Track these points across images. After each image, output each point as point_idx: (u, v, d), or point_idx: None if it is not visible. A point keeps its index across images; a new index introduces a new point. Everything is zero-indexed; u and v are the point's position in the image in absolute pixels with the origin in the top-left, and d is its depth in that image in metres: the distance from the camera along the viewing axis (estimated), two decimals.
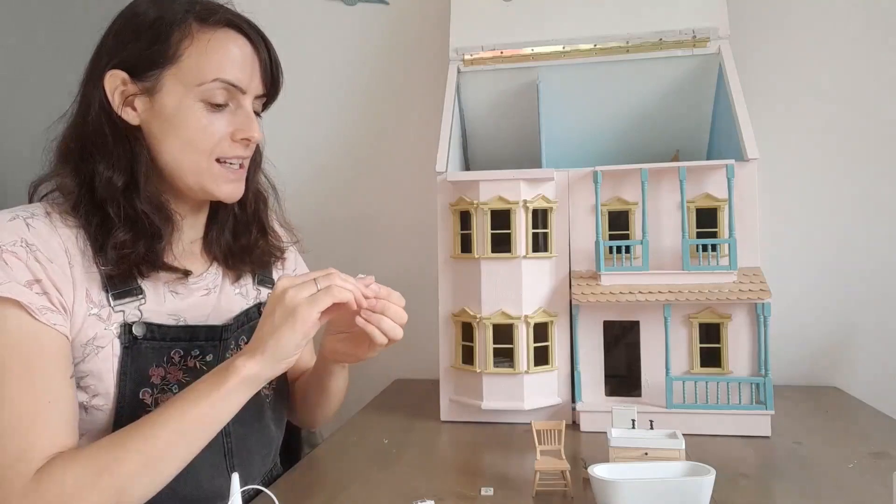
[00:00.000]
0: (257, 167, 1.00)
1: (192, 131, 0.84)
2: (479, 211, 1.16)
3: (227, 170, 0.88)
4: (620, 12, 1.32)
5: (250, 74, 0.87)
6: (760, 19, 1.46)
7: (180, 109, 0.84)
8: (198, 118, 0.84)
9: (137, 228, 0.83)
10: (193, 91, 0.83)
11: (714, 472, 0.72)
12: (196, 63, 0.83)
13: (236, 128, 0.87)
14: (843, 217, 1.44)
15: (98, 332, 0.81)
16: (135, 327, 0.84)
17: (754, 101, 1.37)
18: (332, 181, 1.67)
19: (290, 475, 0.97)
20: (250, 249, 1.00)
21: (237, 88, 0.86)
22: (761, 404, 1.08)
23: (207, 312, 0.93)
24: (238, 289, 0.99)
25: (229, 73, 0.85)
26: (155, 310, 0.87)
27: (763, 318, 1.08)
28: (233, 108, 0.87)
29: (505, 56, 1.36)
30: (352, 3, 1.64)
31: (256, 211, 1.00)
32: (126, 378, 0.82)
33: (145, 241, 0.84)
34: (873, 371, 1.42)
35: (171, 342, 0.87)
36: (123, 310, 0.84)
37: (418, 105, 1.61)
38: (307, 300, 0.77)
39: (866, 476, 0.89)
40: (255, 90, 0.89)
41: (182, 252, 0.93)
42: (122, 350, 0.82)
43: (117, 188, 0.83)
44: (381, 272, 0.99)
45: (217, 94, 0.84)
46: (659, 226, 1.15)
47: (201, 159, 0.86)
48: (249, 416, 0.91)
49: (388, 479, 0.93)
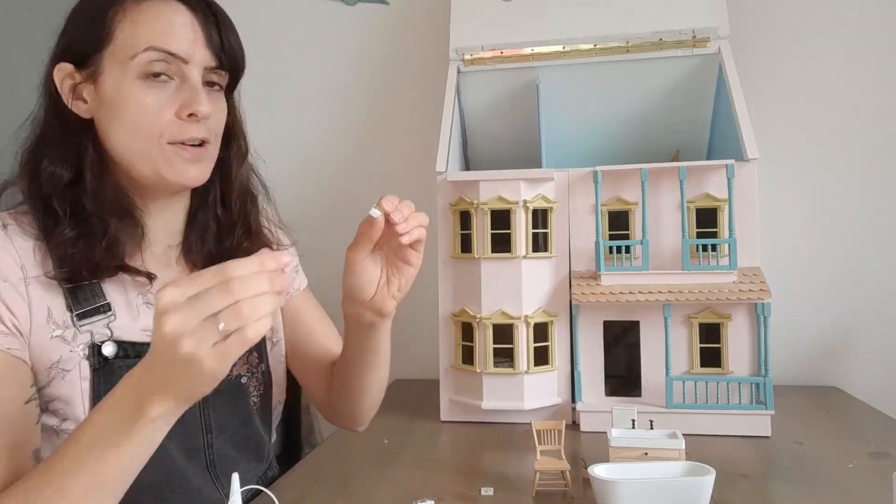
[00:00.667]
0: (242, 159, 0.92)
1: (134, 112, 0.77)
2: (479, 211, 1.16)
3: (182, 150, 0.80)
4: (620, 12, 1.32)
5: (192, 42, 0.79)
6: (760, 19, 1.46)
7: (120, 90, 0.77)
8: (137, 97, 0.77)
9: (85, 226, 0.77)
10: (129, 67, 0.76)
11: (714, 472, 0.72)
12: (129, 36, 0.77)
13: (182, 103, 0.78)
14: (844, 217, 1.44)
15: (63, 355, 0.76)
16: (104, 347, 0.78)
17: (754, 101, 1.37)
18: (332, 181, 1.67)
19: (290, 475, 0.97)
20: (234, 254, 0.88)
21: (176, 57, 0.78)
22: (761, 404, 1.08)
23: None
24: None
25: (162, 41, 0.77)
26: (127, 326, 0.81)
27: (763, 318, 1.08)
28: (178, 84, 0.79)
29: (505, 56, 1.36)
30: (352, 3, 1.64)
31: (243, 210, 0.92)
32: (99, 400, 0.75)
33: (91, 238, 0.77)
34: (873, 371, 1.42)
35: None
36: (90, 330, 0.78)
37: (418, 105, 1.61)
38: (213, 355, 0.57)
39: (866, 476, 0.89)
40: (201, 60, 0.80)
41: (155, 258, 0.86)
42: (92, 372, 0.77)
43: (62, 183, 0.77)
44: None
45: (154, 65, 0.77)
46: (659, 226, 1.15)
47: (150, 143, 0.78)
48: (235, 424, 0.90)
49: (388, 479, 0.93)
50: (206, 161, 0.83)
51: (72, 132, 0.79)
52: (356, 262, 0.80)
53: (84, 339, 0.77)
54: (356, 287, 0.82)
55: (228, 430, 0.89)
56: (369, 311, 0.84)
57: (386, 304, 0.83)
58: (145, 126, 0.77)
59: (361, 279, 0.82)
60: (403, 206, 0.77)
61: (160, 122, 0.78)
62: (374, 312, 0.84)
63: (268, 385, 0.97)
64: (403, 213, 0.76)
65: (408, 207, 0.77)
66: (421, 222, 0.78)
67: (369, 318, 0.86)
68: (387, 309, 0.84)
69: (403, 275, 0.82)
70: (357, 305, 0.84)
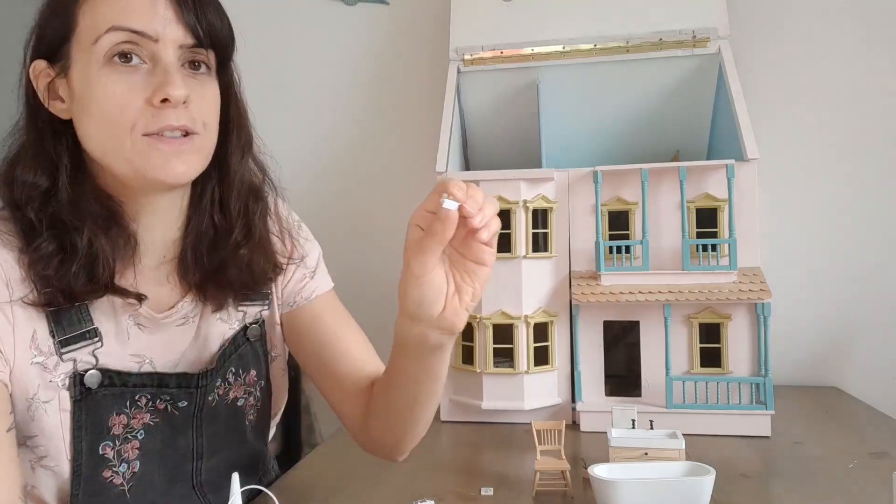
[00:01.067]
0: (242, 152, 0.80)
1: (102, 102, 0.68)
2: None
3: (160, 141, 0.69)
4: (620, 12, 1.32)
5: (162, 17, 0.69)
6: (760, 19, 1.46)
7: (87, 80, 0.69)
8: (104, 85, 0.68)
9: (64, 241, 0.69)
10: (93, 53, 0.68)
11: (714, 472, 0.72)
12: (91, 19, 0.69)
13: (154, 88, 0.69)
14: (843, 217, 1.43)
15: (41, 384, 0.70)
16: (87, 377, 0.71)
17: (754, 101, 1.37)
18: (332, 181, 1.67)
19: (290, 475, 0.97)
20: (227, 265, 0.79)
21: (144, 36, 0.68)
22: (761, 404, 1.08)
23: (183, 349, 0.80)
24: (220, 312, 0.83)
25: (126, 18, 0.68)
26: (114, 352, 0.74)
27: (763, 318, 1.08)
28: (150, 67, 0.70)
29: (505, 56, 1.36)
30: (352, 3, 1.64)
31: (244, 212, 0.81)
32: (82, 433, 0.72)
33: (70, 256, 0.69)
34: (873, 371, 1.42)
35: (133, 388, 0.75)
36: (74, 357, 0.71)
37: (418, 105, 1.61)
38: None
39: (866, 476, 0.89)
40: (174, 38, 0.70)
41: (148, 273, 0.78)
42: (73, 404, 0.71)
43: (37, 192, 0.70)
44: (380, 272, 0.98)
45: (120, 47, 0.68)
46: (659, 226, 1.15)
47: (122, 136, 0.68)
48: (228, 447, 0.84)
49: (388, 479, 0.93)
50: (191, 154, 0.72)
51: (49, 135, 0.72)
52: (425, 270, 0.66)
53: (66, 369, 0.71)
54: (424, 301, 0.67)
55: (221, 454, 0.83)
56: (436, 329, 0.69)
57: (458, 319, 0.69)
58: (115, 116, 0.68)
59: (429, 291, 0.67)
60: (476, 192, 0.64)
61: (130, 110, 0.68)
62: (442, 331, 0.70)
63: (266, 399, 0.90)
64: (478, 200, 0.64)
65: (479, 193, 0.64)
66: (494, 210, 0.66)
67: (436, 339, 0.71)
68: (459, 324, 0.69)
69: (476, 278, 0.68)
70: (422, 324, 0.69)
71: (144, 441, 0.76)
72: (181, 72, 0.70)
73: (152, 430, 0.76)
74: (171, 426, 0.78)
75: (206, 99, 0.73)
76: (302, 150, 1.67)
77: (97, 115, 0.69)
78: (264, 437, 0.93)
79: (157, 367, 0.78)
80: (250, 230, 0.81)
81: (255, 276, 0.82)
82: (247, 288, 0.82)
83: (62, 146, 0.72)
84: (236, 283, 0.80)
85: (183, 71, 0.71)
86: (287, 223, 0.89)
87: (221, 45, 0.74)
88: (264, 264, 0.82)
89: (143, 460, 0.76)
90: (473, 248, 0.66)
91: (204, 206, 0.80)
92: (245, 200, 0.81)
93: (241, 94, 0.81)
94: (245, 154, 0.81)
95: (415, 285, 0.67)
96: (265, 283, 0.85)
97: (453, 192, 0.63)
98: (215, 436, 0.82)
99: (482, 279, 0.69)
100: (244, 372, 0.85)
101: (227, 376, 0.83)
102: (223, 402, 0.82)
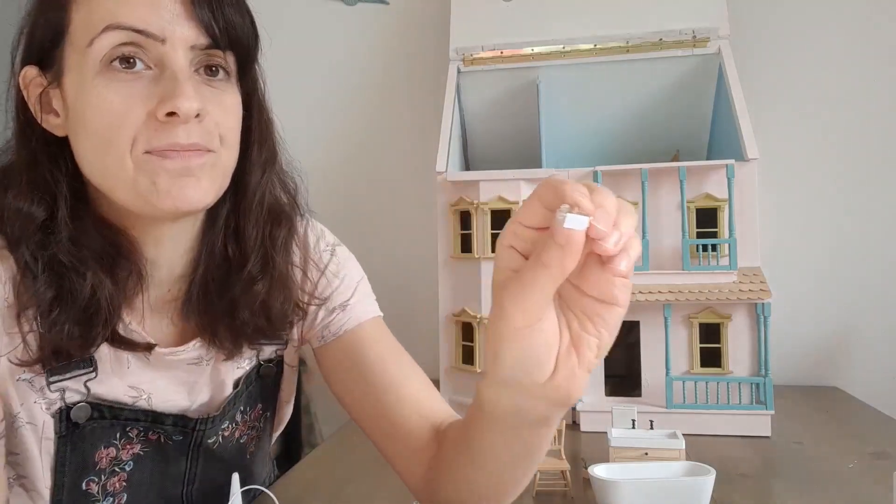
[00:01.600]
0: (262, 170, 0.68)
1: (98, 115, 0.57)
2: (479, 211, 1.16)
3: (167, 159, 0.58)
4: (620, 12, 1.32)
5: (170, 13, 0.58)
6: (760, 19, 1.46)
7: (81, 89, 0.58)
8: (100, 95, 0.57)
9: (62, 287, 0.59)
10: (88, 57, 0.57)
11: (714, 472, 0.72)
12: (85, 16, 0.58)
13: (159, 98, 0.57)
14: (844, 217, 1.43)
15: (25, 403, 0.63)
16: (74, 411, 0.63)
17: (754, 101, 1.37)
18: (332, 181, 1.66)
19: (290, 475, 0.97)
20: (238, 306, 0.68)
21: (147, 35, 0.57)
22: (761, 404, 1.08)
23: (188, 390, 0.71)
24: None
25: (125, 15, 0.57)
26: (108, 382, 0.65)
27: (763, 318, 1.08)
28: (156, 73, 0.58)
29: (505, 56, 1.36)
30: (352, 3, 1.64)
31: (264, 240, 0.68)
32: (65, 469, 0.65)
33: (68, 305, 0.59)
34: (873, 371, 1.42)
35: (125, 421, 0.67)
36: (63, 387, 0.63)
37: (418, 105, 1.61)
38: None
39: (866, 476, 0.89)
40: (184, 38, 0.58)
41: (155, 309, 0.68)
42: (58, 439, 0.64)
43: (32, 224, 0.60)
44: (380, 272, 0.98)
45: (119, 50, 0.57)
46: (659, 226, 1.15)
47: (122, 156, 0.57)
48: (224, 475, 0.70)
49: (389, 479, 0.93)
50: (207, 174, 0.60)
51: (44, 156, 0.61)
52: (529, 318, 0.45)
53: (53, 397, 0.63)
54: (525, 362, 0.47)
55: (216, 481, 0.75)
56: (542, 399, 0.49)
57: (574, 386, 0.48)
58: (112, 132, 0.57)
59: (534, 347, 0.46)
60: (605, 197, 0.43)
61: (130, 124, 0.57)
62: (551, 402, 0.49)
63: (268, 427, 0.82)
64: (609, 211, 0.42)
65: (609, 198, 0.43)
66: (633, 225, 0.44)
67: (540, 412, 0.51)
68: (575, 393, 0.48)
69: (604, 324, 0.47)
70: (521, 393, 0.49)
71: (132, 472, 0.69)
72: (193, 79, 0.59)
73: (142, 460, 0.69)
74: (163, 456, 0.71)
75: (224, 110, 0.61)
76: (300, 150, 1.66)
77: (92, 131, 0.58)
78: (265, 463, 0.86)
79: (153, 403, 0.69)
80: (268, 262, 0.69)
81: (273, 319, 0.70)
82: (262, 335, 0.71)
83: (59, 170, 0.61)
84: (249, 328, 0.69)
85: (196, 77, 0.60)
86: (315, 252, 0.77)
87: (242, 45, 0.63)
88: (283, 304, 0.70)
89: (129, 492, 0.69)
90: (601, 282, 0.44)
91: (217, 234, 0.68)
92: (265, 226, 0.69)
93: (267, 101, 0.71)
94: (267, 171, 0.69)
95: (513, 339, 0.46)
96: (284, 328, 0.73)
97: (577, 200, 0.41)
98: (211, 467, 0.75)
99: (612, 325, 0.47)
100: (251, 409, 0.78)
101: (234, 417, 0.75)
102: (228, 442, 0.76)
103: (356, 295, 0.78)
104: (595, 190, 0.43)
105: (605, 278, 0.44)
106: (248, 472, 0.81)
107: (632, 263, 0.44)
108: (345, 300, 0.77)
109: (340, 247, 0.81)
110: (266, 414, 0.81)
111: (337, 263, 0.78)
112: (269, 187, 0.70)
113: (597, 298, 0.45)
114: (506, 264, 0.47)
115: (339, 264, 0.78)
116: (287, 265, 0.71)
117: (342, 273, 0.78)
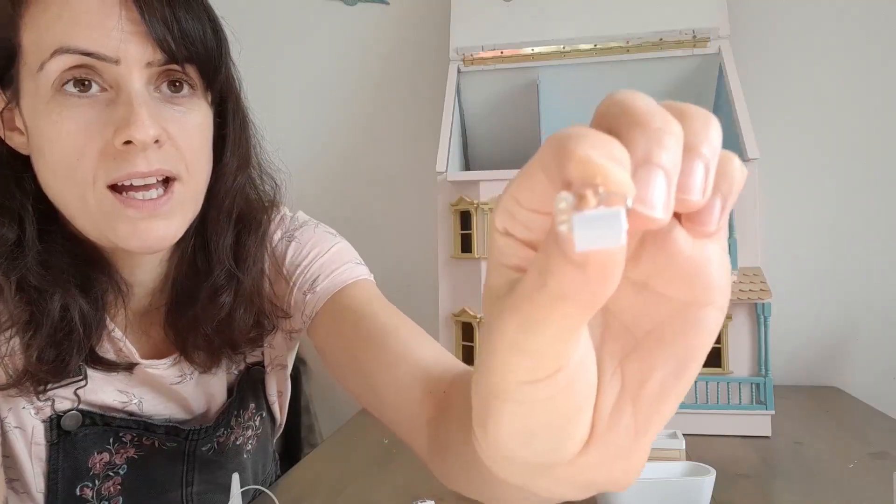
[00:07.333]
0: (237, 173, 0.66)
1: (55, 144, 0.55)
2: (480, 211, 1.16)
3: (127, 205, 0.55)
4: (620, 12, 1.32)
5: (120, 31, 0.54)
6: (760, 19, 1.46)
7: (36, 114, 0.55)
8: (55, 123, 0.54)
9: (35, 310, 0.57)
10: (40, 82, 0.54)
11: (714, 472, 0.72)
12: (36, 40, 0.55)
13: (115, 126, 0.54)
14: (844, 217, 1.43)
15: (13, 408, 0.62)
16: (65, 420, 0.63)
17: (754, 101, 1.37)
18: (332, 181, 1.67)
19: (290, 475, 0.97)
20: (199, 322, 0.65)
21: (99, 58, 0.54)
22: (761, 404, 1.08)
23: (179, 405, 0.71)
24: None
25: (73, 37, 0.53)
26: (99, 388, 0.65)
27: (763, 318, 1.08)
28: (112, 95, 0.55)
29: (505, 56, 1.36)
30: (352, 3, 1.64)
31: (232, 248, 0.67)
32: (58, 476, 0.65)
33: (40, 330, 0.57)
34: (873, 371, 1.42)
35: (117, 428, 0.67)
36: (53, 395, 0.63)
37: (418, 105, 1.61)
38: None
39: (866, 476, 0.89)
40: (137, 56, 0.55)
41: (138, 318, 0.67)
42: (50, 447, 0.64)
43: (4, 247, 0.58)
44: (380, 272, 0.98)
45: (71, 73, 0.54)
46: None
47: (84, 190, 0.55)
48: (222, 479, 0.75)
49: (388, 479, 0.93)
50: (178, 212, 0.58)
51: (9, 175, 0.59)
52: (546, 367, 0.24)
53: (42, 405, 0.63)
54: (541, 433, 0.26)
55: (215, 481, 0.76)
56: (569, 484, 0.29)
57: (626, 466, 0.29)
58: (71, 165, 0.54)
59: (554, 410, 0.26)
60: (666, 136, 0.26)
61: (88, 156, 0.54)
62: (580, 487, 0.30)
63: (268, 425, 0.83)
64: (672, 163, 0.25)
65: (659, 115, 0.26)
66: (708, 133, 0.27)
67: (568, 496, 0.31)
68: (628, 475, 0.30)
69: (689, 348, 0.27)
70: (535, 475, 0.29)
71: (127, 476, 0.69)
72: (151, 101, 0.56)
73: (136, 464, 0.69)
74: (158, 460, 0.71)
75: (185, 131, 0.58)
76: (300, 150, 1.67)
77: (51, 161, 0.56)
78: (266, 465, 0.86)
79: (144, 409, 0.69)
80: (232, 274, 0.66)
81: (235, 335, 0.67)
82: (231, 347, 0.68)
83: (24, 190, 0.59)
84: (216, 342, 0.67)
85: (157, 96, 0.57)
86: (279, 248, 0.73)
87: (203, 56, 0.58)
88: (249, 316, 0.67)
89: (125, 496, 0.69)
90: (681, 263, 0.26)
91: (187, 243, 0.66)
92: (233, 234, 0.67)
93: (242, 105, 0.68)
94: (239, 177, 0.66)
95: (514, 400, 0.26)
96: (248, 346, 0.70)
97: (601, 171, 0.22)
98: (210, 468, 0.75)
99: (703, 345, 0.28)
100: (244, 411, 0.78)
101: (229, 423, 0.75)
102: (224, 447, 0.76)
103: (325, 270, 0.71)
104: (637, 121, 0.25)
105: (687, 256, 0.25)
106: (249, 472, 0.81)
107: (729, 205, 0.25)
108: (314, 279, 0.70)
109: (302, 228, 0.75)
110: (260, 413, 0.81)
111: (295, 249, 0.72)
112: (240, 192, 0.67)
113: (682, 299, 0.26)
114: (503, 260, 0.27)
115: (297, 250, 0.72)
116: (256, 273, 0.68)
117: (303, 257, 0.72)
